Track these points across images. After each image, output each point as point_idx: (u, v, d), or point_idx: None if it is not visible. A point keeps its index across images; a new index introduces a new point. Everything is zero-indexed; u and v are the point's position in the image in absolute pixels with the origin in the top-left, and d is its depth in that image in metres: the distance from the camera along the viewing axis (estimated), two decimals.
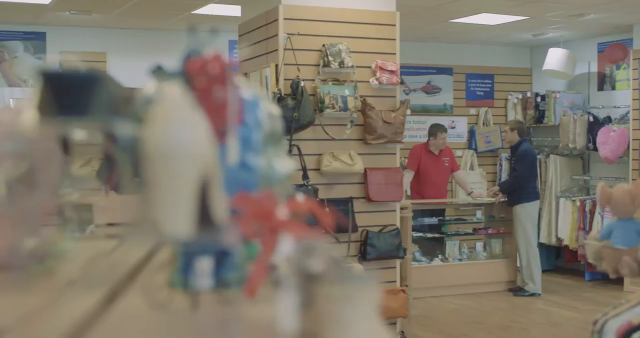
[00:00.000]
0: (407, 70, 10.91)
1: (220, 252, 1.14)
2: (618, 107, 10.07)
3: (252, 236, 1.05)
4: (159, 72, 1.09)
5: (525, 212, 9.06)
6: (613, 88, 10.43)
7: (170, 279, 1.18)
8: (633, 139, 9.40)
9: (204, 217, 0.89)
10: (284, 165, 1.38)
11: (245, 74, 6.91)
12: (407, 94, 10.94)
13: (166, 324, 0.97)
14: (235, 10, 7.61)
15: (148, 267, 1.37)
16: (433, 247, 9.45)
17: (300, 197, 1.27)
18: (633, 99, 9.45)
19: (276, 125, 1.41)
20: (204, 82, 1.03)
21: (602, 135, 9.71)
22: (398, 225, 6.52)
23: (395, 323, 6.56)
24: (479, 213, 9.91)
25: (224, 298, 1.05)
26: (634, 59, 9.47)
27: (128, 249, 1.47)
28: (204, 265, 1.03)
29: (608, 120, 10.04)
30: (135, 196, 0.89)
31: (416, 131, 10.81)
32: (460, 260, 9.42)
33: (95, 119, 0.89)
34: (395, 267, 6.55)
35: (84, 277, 1.21)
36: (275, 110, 1.44)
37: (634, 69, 9.46)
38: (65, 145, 1.36)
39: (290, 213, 1.13)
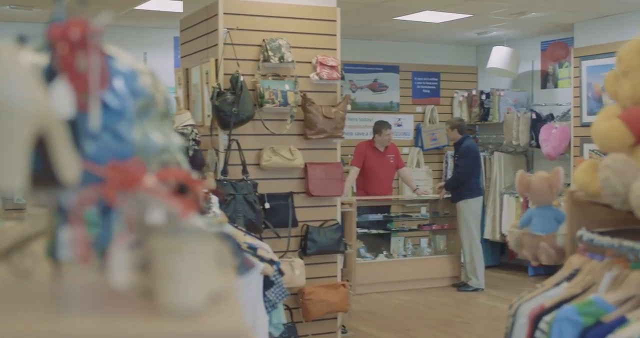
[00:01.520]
0: (354, 68, 10.97)
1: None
2: (560, 105, 10.22)
3: (116, 203, 1.05)
4: (23, 40, 1.09)
5: (469, 208, 9.16)
6: (556, 86, 10.58)
7: (46, 249, 1.18)
8: (574, 136, 9.55)
9: (48, 175, 0.89)
10: (170, 139, 1.38)
11: (187, 69, 6.89)
12: (353, 92, 11.00)
13: (18, 292, 0.97)
14: (178, 6, 7.57)
15: (32, 241, 1.36)
16: (378, 243, 9.51)
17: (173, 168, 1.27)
18: (574, 97, 9.59)
19: (161, 101, 1.41)
20: (65, 48, 1.03)
21: (544, 132, 9.85)
22: (339, 220, 6.53)
23: (336, 318, 6.57)
24: (424, 210, 10.00)
25: (88, 266, 1.05)
26: (575, 58, 9.61)
27: (26, 226, 1.46)
28: (66, 235, 1.02)
29: (550, 117, 10.19)
30: None
31: (363, 129, 10.87)
32: (405, 256, 9.49)
33: None
34: (336, 262, 6.56)
35: None
36: (162, 88, 1.45)
37: (575, 67, 9.61)
38: None
39: (160, 182, 1.13)
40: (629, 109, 2.51)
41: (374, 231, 9.50)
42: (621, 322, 2.13)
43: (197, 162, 3.21)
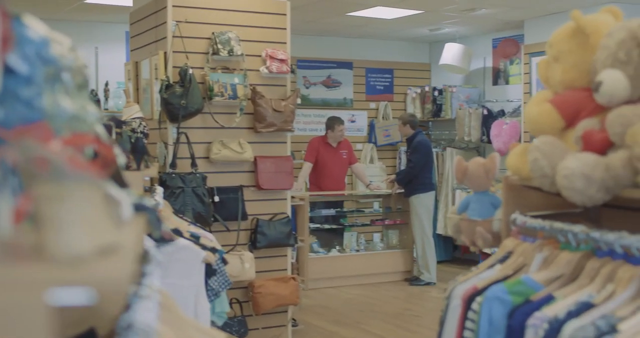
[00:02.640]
0: (308, 64, 11.00)
1: None
2: (511, 101, 10.35)
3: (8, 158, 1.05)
4: None
5: (421, 202, 9.22)
6: (507, 82, 10.71)
7: None
8: (524, 131, 9.66)
9: None
10: (86, 110, 1.38)
11: (136, 62, 6.85)
12: (307, 88, 11.02)
13: None
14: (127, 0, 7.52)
15: None
16: (331, 238, 9.55)
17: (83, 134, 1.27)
18: (524, 93, 9.71)
19: (78, 73, 1.41)
20: None
21: (495, 128, 9.96)
22: (289, 213, 6.54)
23: (286, 311, 6.58)
24: (377, 205, 10.05)
25: None
26: (525, 54, 9.73)
27: None
28: None
29: (502, 113, 10.32)
30: None
31: (316, 125, 10.89)
32: (358, 251, 9.53)
33: None
34: (286, 255, 6.57)
35: None
36: (81, 62, 1.45)
37: (525, 64, 9.73)
38: None
39: (67, 146, 1.14)
40: (560, 94, 2.55)
41: (326, 226, 9.54)
42: (548, 299, 2.17)
43: (137, 149, 3.20)
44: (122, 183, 1.58)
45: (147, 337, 1.06)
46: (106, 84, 9.36)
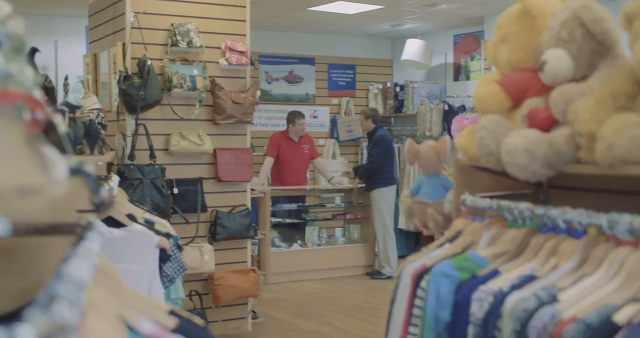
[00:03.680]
0: (270, 59, 11.00)
1: None
2: (471, 96, 10.40)
3: None
4: None
5: (382, 196, 9.26)
6: (467, 78, 10.81)
7: None
8: None
9: None
10: (23, 73, 1.38)
11: (95, 54, 6.81)
12: (269, 83, 11.03)
13: None
14: None
15: None
16: (293, 232, 9.56)
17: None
18: None
19: (14, 37, 1.41)
20: None
21: (455, 123, 10.04)
22: (249, 205, 6.54)
23: (246, 304, 6.58)
24: (338, 199, 10.08)
25: None
26: (485, 50, 9.82)
27: None
28: None
29: (462, 108, 10.41)
30: None
31: (278, 120, 10.90)
32: (320, 245, 9.55)
33: None
34: (246, 248, 6.57)
35: None
36: (21, 29, 1.44)
37: (485, 60, 9.82)
38: None
39: None
40: (507, 75, 2.59)
41: (288, 220, 9.55)
42: (494, 274, 2.20)
43: (91, 134, 3.19)
44: (62, 149, 1.58)
45: (78, 289, 1.06)
46: (66, 78, 9.21)
